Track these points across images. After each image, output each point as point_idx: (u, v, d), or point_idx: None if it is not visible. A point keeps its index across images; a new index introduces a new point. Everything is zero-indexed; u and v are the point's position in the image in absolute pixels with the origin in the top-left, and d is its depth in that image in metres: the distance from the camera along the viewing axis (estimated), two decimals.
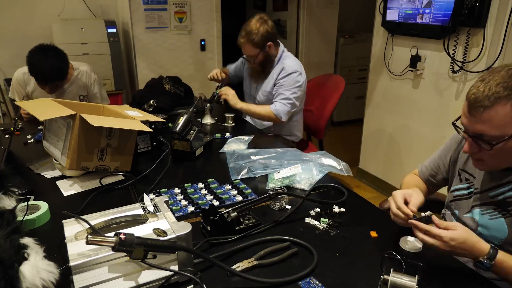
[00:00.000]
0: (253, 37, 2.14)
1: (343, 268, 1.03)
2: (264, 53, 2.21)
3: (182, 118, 1.70)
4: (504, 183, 1.07)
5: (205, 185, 1.47)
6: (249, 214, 1.25)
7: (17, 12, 3.50)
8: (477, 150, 1.02)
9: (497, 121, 0.95)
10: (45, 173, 1.56)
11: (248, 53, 2.22)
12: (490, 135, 0.97)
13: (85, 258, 0.82)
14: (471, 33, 2.33)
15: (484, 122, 0.96)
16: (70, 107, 1.43)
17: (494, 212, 1.09)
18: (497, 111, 0.94)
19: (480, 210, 1.13)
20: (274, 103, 2.22)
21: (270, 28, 2.17)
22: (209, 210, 1.15)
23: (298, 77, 2.21)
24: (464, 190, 1.19)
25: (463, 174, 1.20)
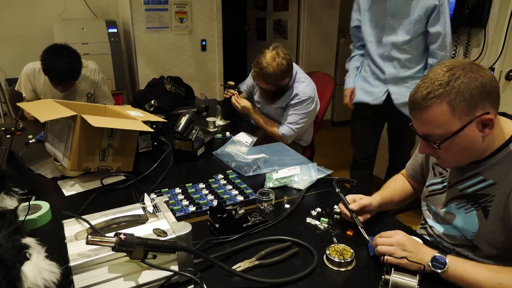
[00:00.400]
0: (266, 76, 2.05)
1: (344, 268, 1.03)
2: (277, 86, 2.13)
3: (184, 118, 1.70)
4: (472, 175, 1.06)
5: (206, 185, 1.47)
6: (255, 211, 1.26)
7: (18, 12, 3.50)
8: (430, 150, 1.03)
9: (437, 120, 0.95)
10: (46, 173, 1.56)
11: (262, 86, 2.16)
12: (435, 134, 0.97)
13: (85, 258, 0.83)
14: (472, 33, 2.33)
15: (426, 123, 0.97)
16: (72, 108, 1.43)
17: (467, 205, 1.09)
18: (434, 111, 0.94)
19: (455, 204, 1.12)
20: (282, 126, 2.20)
21: (285, 65, 2.04)
22: (217, 208, 1.16)
23: (309, 104, 2.16)
24: (438, 185, 1.19)
25: (437, 168, 1.20)
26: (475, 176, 1.06)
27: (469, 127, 0.94)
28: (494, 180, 1.02)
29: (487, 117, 0.94)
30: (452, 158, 1.03)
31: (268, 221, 1.22)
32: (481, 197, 1.05)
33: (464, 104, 0.92)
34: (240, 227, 1.16)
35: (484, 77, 0.93)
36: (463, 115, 0.93)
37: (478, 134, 0.96)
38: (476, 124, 0.95)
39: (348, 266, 1.02)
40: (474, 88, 0.92)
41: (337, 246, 1.07)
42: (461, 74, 0.92)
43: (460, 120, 0.94)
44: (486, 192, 1.04)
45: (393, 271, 0.91)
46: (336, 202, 1.34)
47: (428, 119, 0.96)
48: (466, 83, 0.92)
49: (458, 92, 0.92)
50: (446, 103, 0.93)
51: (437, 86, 0.93)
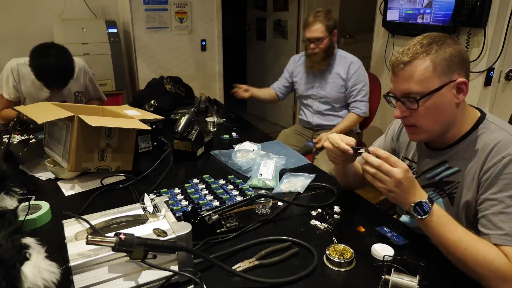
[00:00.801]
0: (324, 18, 2.21)
1: (344, 268, 1.03)
2: (330, 39, 2.26)
3: (184, 118, 1.70)
4: (440, 163, 1.10)
5: (206, 185, 1.47)
6: (232, 216, 1.23)
7: (18, 12, 3.50)
8: (407, 113, 1.05)
9: (418, 75, 0.99)
10: (40, 174, 1.55)
11: (318, 34, 2.23)
12: (415, 91, 1.00)
13: (85, 258, 0.82)
14: (472, 33, 2.33)
15: (407, 79, 1.01)
16: (69, 110, 1.43)
17: (434, 193, 1.12)
18: (417, 65, 0.99)
19: None
20: (357, 105, 2.29)
21: (335, 20, 2.27)
22: (190, 212, 1.12)
23: (363, 68, 2.32)
24: None
25: (405, 162, 1.22)
26: (442, 164, 1.10)
27: (446, 88, 1.00)
28: (459, 167, 1.06)
29: (462, 80, 1.00)
30: (426, 122, 1.04)
31: (244, 227, 1.19)
32: (446, 184, 1.09)
33: (445, 63, 0.98)
34: (213, 233, 1.14)
35: (459, 47, 1.01)
36: (442, 75, 0.99)
37: (452, 98, 1.01)
38: (453, 87, 1.00)
39: (348, 266, 1.02)
40: (454, 51, 0.99)
41: (337, 246, 1.07)
42: (440, 38, 1.01)
43: (439, 79, 0.99)
44: (451, 179, 1.07)
45: (393, 271, 0.91)
46: (335, 201, 1.34)
47: (410, 74, 1.00)
48: (446, 46, 0.99)
49: (439, 51, 0.98)
50: (429, 59, 0.98)
51: (418, 46, 1.00)
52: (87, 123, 1.32)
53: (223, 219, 1.20)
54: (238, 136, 2.03)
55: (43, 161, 1.56)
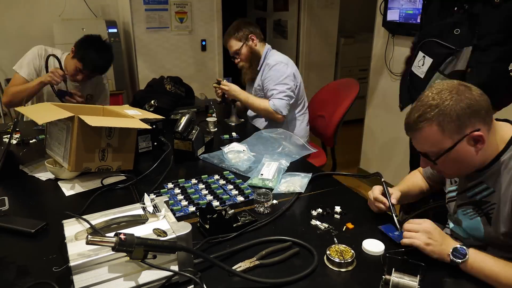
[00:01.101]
0: (233, 31, 2.24)
1: (345, 268, 1.03)
2: (247, 46, 2.25)
3: (184, 118, 1.70)
4: (477, 183, 1.13)
5: (206, 185, 1.47)
6: (245, 211, 1.26)
7: (18, 12, 3.50)
8: (430, 164, 1.11)
9: (430, 140, 1.04)
10: (40, 175, 1.54)
11: (232, 48, 2.27)
12: (431, 151, 1.06)
13: (85, 258, 0.82)
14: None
15: (420, 142, 1.08)
16: (70, 110, 1.43)
17: (472, 212, 1.15)
18: (426, 132, 1.03)
19: (461, 211, 1.19)
20: (271, 100, 2.17)
21: (250, 25, 2.27)
22: (206, 209, 1.16)
23: (283, 68, 2.17)
24: (454, 192, 1.24)
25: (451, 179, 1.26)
26: (479, 184, 1.12)
27: (461, 144, 1.02)
28: (494, 188, 1.08)
29: (477, 134, 1.01)
30: (451, 170, 1.12)
31: (257, 221, 1.21)
32: (483, 204, 1.11)
33: (453, 124, 1.00)
34: (230, 227, 1.16)
35: (470, 98, 1.00)
36: (453, 134, 1.01)
37: (470, 149, 1.03)
38: (467, 141, 1.02)
39: (348, 266, 1.02)
40: (461, 109, 0.99)
41: (337, 247, 1.07)
42: (447, 96, 1.01)
43: (452, 139, 1.02)
44: (488, 200, 1.10)
45: (393, 271, 0.91)
46: (335, 202, 1.34)
47: (422, 140, 1.06)
48: (453, 105, 1.00)
49: (445, 114, 1.00)
50: (435, 124, 1.01)
51: (427, 109, 1.02)
52: (87, 123, 1.32)
53: (237, 214, 1.21)
54: (238, 136, 2.02)
55: (43, 161, 1.56)
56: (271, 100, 2.17)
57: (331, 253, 1.04)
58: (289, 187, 1.44)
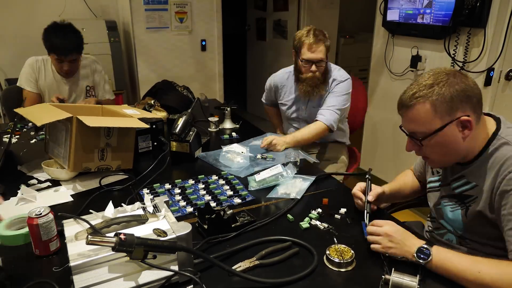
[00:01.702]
0: (328, 41, 2.04)
1: (344, 268, 1.03)
2: (326, 61, 2.08)
3: (181, 119, 1.68)
4: (458, 177, 1.15)
5: (205, 185, 1.47)
6: (244, 212, 1.26)
7: (18, 12, 3.50)
8: (416, 148, 1.11)
9: (420, 118, 1.04)
10: (39, 175, 1.54)
11: (321, 56, 2.03)
12: (419, 131, 1.07)
13: (85, 258, 0.82)
14: (472, 33, 2.33)
15: (411, 121, 1.07)
16: (68, 110, 1.43)
17: (455, 204, 1.17)
18: (418, 109, 1.04)
19: (444, 202, 1.21)
20: (322, 113, 2.02)
21: None
22: (205, 209, 1.16)
23: (347, 84, 2.08)
24: (435, 183, 1.26)
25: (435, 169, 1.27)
26: (460, 178, 1.14)
27: (450, 127, 1.03)
28: (476, 182, 1.10)
29: (466, 118, 1.02)
30: (435, 155, 1.11)
31: (256, 221, 1.21)
32: (466, 198, 1.14)
33: (445, 105, 1.01)
34: (229, 227, 1.16)
35: (465, 83, 1.02)
36: (444, 115, 1.02)
37: (458, 134, 1.05)
38: (456, 125, 1.03)
39: (348, 266, 1.02)
40: (455, 92, 1.01)
41: (337, 247, 1.07)
42: (443, 78, 1.03)
43: (441, 120, 1.03)
44: (470, 193, 1.12)
45: (393, 271, 0.91)
46: (335, 202, 1.34)
47: (412, 117, 1.06)
48: (448, 86, 1.01)
49: (440, 93, 1.01)
50: (429, 103, 1.02)
51: (422, 88, 1.03)
52: (85, 123, 1.33)
53: (235, 214, 1.21)
54: (238, 136, 2.02)
55: (42, 161, 1.56)
56: (321, 114, 2.02)
57: (331, 253, 1.04)
58: (287, 190, 1.43)
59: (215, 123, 2.14)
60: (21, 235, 1.10)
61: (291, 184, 1.46)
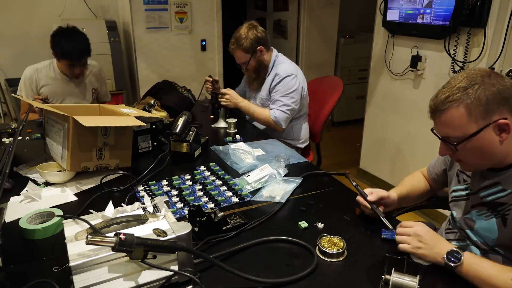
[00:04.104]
0: (241, 42, 2.14)
1: (344, 268, 1.03)
2: (255, 59, 2.18)
3: (181, 119, 1.68)
4: (492, 184, 1.09)
5: (202, 186, 1.47)
6: (235, 214, 1.25)
7: (18, 12, 3.50)
8: (450, 152, 1.07)
9: (454, 123, 1.00)
10: (34, 176, 1.53)
11: (240, 60, 2.21)
12: (453, 136, 1.02)
13: (85, 258, 0.82)
14: (472, 33, 2.33)
15: (444, 125, 1.03)
16: (66, 111, 1.43)
17: (487, 213, 1.11)
18: (452, 113, 1.00)
19: (476, 211, 1.14)
20: (273, 110, 2.17)
21: (259, 33, 2.16)
22: (196, 211, 1.14)
23: (292, 80, 2.15)
24: (462, 191, 1.20)
25: (461, 176, 1.22)
26: (495, 185, 1.08)
27: (486, 131, 0.99)
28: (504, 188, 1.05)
29: (504, 121, 0.98)
30: (471, 160, 1.07)
31: (248, 223, 1.20)
32: (499, 205, 1.07)
33: (481, 108, 0.97)
34: (219, 230, 1.15)
35: (501, 84, 0.97)
36: (480, 119, 0.98)
37: (495, 138, 1.00)
38: (493, 128, 0.99)
39: (339, 257, 1.04)
40: (491, 94, 0.96)
41: (329, 238, 1.10)
42: (478, 80, 0.98)
43: (477, 124, 0.98)
44: (504, 201, 1.06)
45: (393, 271, 0.91)
46: (335, 201, 1.34)
47: (446, 122, 1.02)
48: (483, 89, 0.97)
49: (475, 97, 0.97)
50: (463, 106, 0.98)
51: (455, 91, 0.99)
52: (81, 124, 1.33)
53: (227, 216, 1.20)
54: (241, 138, 2.02)
55: (39, 162, 1.55)
56: (273, 110, 2.17)
57: (322, 243, 1.07)
58: (271, 192, 1.40)
59: (234, 124, 2.11)
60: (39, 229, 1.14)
61: (275, 188, 1.43)
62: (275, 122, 2.16)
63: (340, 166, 3.73)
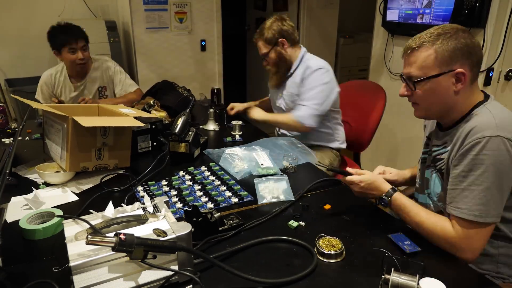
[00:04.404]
0: (264, 32, 2.06)
1: (344, 267, 1.03)
2: (276, 51, 2.06)
3: (181, 119, 1.68)
4: (443, 143, 1.20)
5: (201, 186, 1.47)
6: (232, 214, 1.25)
7: (18, 12, 3.50)
8: (409, 93, 1.18)
9: (420, 62, 1.11)
10: (33, 177, 1.53)
11: (261, 50, 2.10)
12: (415, 75, 1.13)
13: (85, 258, 0.83)
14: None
15: (411, 64, 1.13)
16: (65, 111, 1.43)
17: (432, 168, 1.25)
18: (421, 53, 1.10)
19: (428, 170, 1.28)
20: (296, 108, 2.04)
21: (284, 26, 2.05)
22: (192, 211, 1.13)
23: (324, 74, 2.00)
24: (424, 155, 1.33)
25: (425, 141, 1.35)
26: (444, 144, 1.20)
27: (445, 76, 1.09)
28: (447, 144, 1.17)
29: (462, 71, 1.08)
30: (424, 102, 1.17)
31: (245, 224, 1.20)
32: (438, 161, 1.21)
33: (447, 54, 1.08)
34: (216, 231, 1.14)
35: (470, 40, 1.09)
36: (443, 64, 1.08)
37: (451, 86, 1.10)
38: (451, 76, 1.09)
39: (337, 258, 1.05)
40: (459, 44, 1.07)
41: (327, 238, 1.09)
42: (452, 32, 1.09)
43: (440, 68, 1.09)
44: (442, 157, 1.19)
45: (393, 271, 0.91)
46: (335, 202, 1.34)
47: (414, 60, 1.12)
48: (454, 38, 1.08)
49: (444, 44, 1.08)
50: (432, 49, 1.09)
51: (428, 35, 1.11)
52: (80, 124, 1.33)
53: (224, 217, 1.20)
54: (241, 139, 2.01)
55: (37, 162, 1.55)
56: (296, 108, 2.05)
57: (321, 244, 1.07)
58: (273, 193, 1.40)
59: (239, 126, 2.09)
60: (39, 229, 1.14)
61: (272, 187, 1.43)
62: (298, 121, 2.00)
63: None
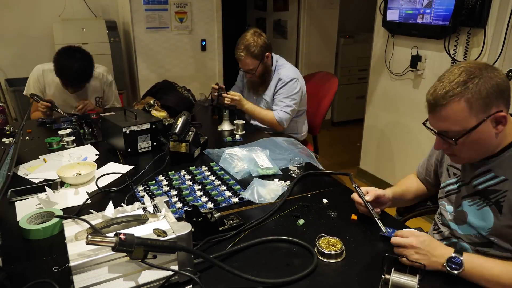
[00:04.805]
0: (252, 49, 2.19)
1: (344, 267, 1.03)
2: (263, 65, 2.28)
3: (181, 119, 1.68)
4: (484, 172, 1.10)
5: (201, 186, 1.47)
6: (232, 214, 1.25)
7: (18, 12, 3.50)
8: (446, 146, 1.08)
9: (455, 117, 1.00)
10: (35, 176, 1.53)
11: (248, 66, 2.25)
12: (452, 130, 1.03)
13: (85, 258, 0.82)
14: (472, 33, 2.33)
15: (444, 120, 1.03)
16: None
17: (479, 201, 1.11)
18: (453, 108, 1.00)
19: (467, 202, 1.15)
20: (277, 111, 2.29)
21: (266, 39, 2.27)
22: (192, 211, 1.13)
23: (294, 84, 2.29)
24: (454, 185, 1.21)
25: (451, 170, 1.23)
26: (487, 172, 1.09)
27: (484, 124, 1.00)
28: (506, 176, 1.05)
29: (501, 114, 1.00)
30: (466, 153, 1.07)
31: (245, 224, 1.20)
32: (492, 193, 1.08)
33: (481, 102, 0.98)
34: (216, 231, 1.14)
35: (498, 77, 0.99)
36: (479, 112, 0.99)
37: (491, 130, 1.02)
38: (490, 121, 1.00)
39: (337, 258, 1.04)
40: (490, 88, 0.97)
41: (327, 238, 1.09)
42: (477, 73, 0.98)
43: (477, 118, 0.99)
44: (497, 188, 1.07)
45: (393, 271, 0.91)
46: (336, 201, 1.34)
47: (446, 116, 1.01)
48: (482, 82, 0.97)
49: (475, 91, 0.97)
50: (464, 101, 0.98)
51: (455, 85, 0.99)
52: None
53: (224, 217, 1.20)
54: (242, 139, 2.01)
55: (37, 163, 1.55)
56: (276, 111, 2.29)
57: (321, 244, 1.07)
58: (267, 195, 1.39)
59: (241, 126, 2.10)
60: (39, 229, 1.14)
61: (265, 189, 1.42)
62: (278, 122, 2.28)
63: (340, 166, 3.73)
